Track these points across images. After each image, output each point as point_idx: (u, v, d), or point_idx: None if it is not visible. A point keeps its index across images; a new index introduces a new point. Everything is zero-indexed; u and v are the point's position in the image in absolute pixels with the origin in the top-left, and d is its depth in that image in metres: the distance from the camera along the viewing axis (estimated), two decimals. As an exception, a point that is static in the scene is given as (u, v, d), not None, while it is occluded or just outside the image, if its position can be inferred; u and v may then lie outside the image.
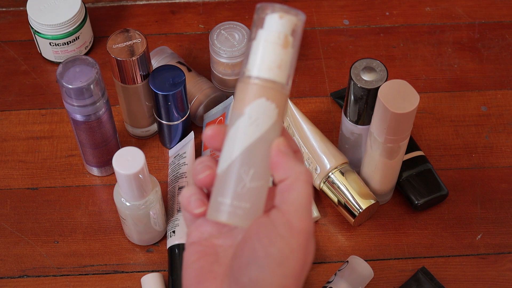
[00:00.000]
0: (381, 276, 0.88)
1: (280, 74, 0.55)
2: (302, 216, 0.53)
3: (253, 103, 0.54)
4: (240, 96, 0.55)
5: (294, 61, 0.56)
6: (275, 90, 0.54)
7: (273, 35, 0.54)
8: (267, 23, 0.55)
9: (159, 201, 0.84)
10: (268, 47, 0.54)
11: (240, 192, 0.54)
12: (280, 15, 0.54)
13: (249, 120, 0.54)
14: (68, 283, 0.87)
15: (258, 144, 0.54)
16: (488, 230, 0.91)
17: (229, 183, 0.54)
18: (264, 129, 0.54)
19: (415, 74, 1.04)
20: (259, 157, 0.54)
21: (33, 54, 1.05)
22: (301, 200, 0.53)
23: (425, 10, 1.10)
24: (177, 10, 1.10)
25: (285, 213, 0.53)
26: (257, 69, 0.54)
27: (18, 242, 0.90)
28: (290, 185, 0.53)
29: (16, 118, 0.99)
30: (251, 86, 0.54)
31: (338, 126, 0.96)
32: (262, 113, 0.54)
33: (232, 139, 0.54)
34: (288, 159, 0.54)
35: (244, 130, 0.54)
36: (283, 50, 0.55)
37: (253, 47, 0.55)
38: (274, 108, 0.54)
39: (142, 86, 0.90)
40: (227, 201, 0.54)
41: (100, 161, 0.92)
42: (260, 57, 0.54)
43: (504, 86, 1.03)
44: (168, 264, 0.86)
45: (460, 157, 0.97)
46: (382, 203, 0.92)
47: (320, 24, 1.08)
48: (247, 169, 0.54)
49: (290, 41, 0.55)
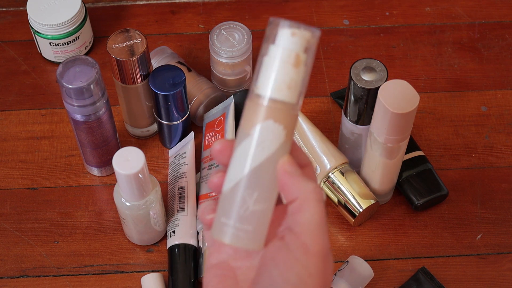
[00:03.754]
0: (381, 276, 0.88)
1: (289, 94, 0.52)
2: (317, 237, 0.51)
3: (260, 125, 0.52)
4: (248, 115, 0.53)
5: (307, 78, 0.53)
6: (283, 111, 0.52)
7: (284, 53, 0.52)
8: (278, 39, 0.52)
9: (159, 201, 0.84)
10: (279, 66, 0.52)
11: (243, 214, 0.53)
12: (292, 32, 0.52)
13: (255, 142, 0.52)
14: (68, 283, 0.87)
15: (263, 167, 0.53)
16: (488, 230, 0.91)
17: (232, 204, 0.53)
18: (271, 152, 0.52)
19: (415, 74, 1.04)
20: (264, 180, 0.53)
21: (33, 54, 1.05)
22: (313, 220, 0.52)
23: (425, 10, 1.10)
24: (177, 10, 1.10)
25: (299, 236, 0.52)
26: (266, 88, 0.52)
27: (18, 242, 0.90)
28: (300, 206, 0.52)
29: (16, 118, 0.99)
30: (259, 107, 0.52)
31: (338, 126, 0.96)
32: (269, 135, 0.52)
33: (238, 159, 0.53)
34: (295, 179, 0.52)
35: (250, 151, 0.52)
36: (294, 69, 0.52)
37: (264, 64, 0.53)
38: (281, 130, 0.52)
39: (142, 86, 0.90)
40: (230, 223, 0.53)
41: (100, 161, 0.92)
42: (269, 76, 0.52)
43: (504, 86, 1.03)
44: (168, 264, 0.86)
45: (460, 157, 0.97)
46: (382, 203, 0.92)
47: (320, 24, 1.08)
48: (251, 192, 0.53)
49: (302, 59, 0.52)
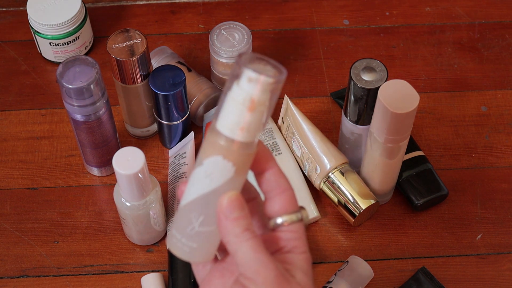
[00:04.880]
0: (381, 276, 0.88)
1: (243, 135, 0.53)
2: (257, 268, 0.54)
3: (210, 158, 0.54)
4: (205, 144, 0.55)
5: (266, 117, 0.54)
6: (234, 150, 0.54)
7: (241, 95, 0.52)
8: (240, 79, 0.52)
9: (159, 201, 0.84)
10: (235, 108, 0.53)
11: (189, 233, 0.56)
12: (249, 78, 0.52)
13: (204, 173, 0.54)
14: (68, 283, 0.87)
15: (209, 196, 0.55)
16: (488, 230, 0.91)
17: (182, 221, 0.56)
18: (217, 185, 0.54)
19: (415, 74, 1.04)
20: (210, 207, 0.55)
21: (33, 54, 1.05)
22: (247, 257, 0.54)
23: (425, 10, 1.10)
24: (177, 10, 1.10)
25: (244, 274, 0.55)
26: (222, 125, 0.54)
27: (18, 242, 0.90)
28: (233, 249, 0.55)
29: (16, 118, 0.99)
30: (213, 141, 0.54)
31: (338, 126, 0.96)
32: (217, 170, 0.54)
33: (191, 183, 0.56)
34: (227, 222, 0.55)
35: (198, 180, 0.55)
36: (249, 113, 0.53)
37: (225, 101, 0.53)
38: (231, 167, 0.54)
39: (142, 86, 0.90)
40: (178, 237, 0.57)
41: (100, 161, 0.92)
42: (226, 115, 0.53)
43: (504, 86, 1.03)
44: (168, 264, 0.86)
45: (460, 157, 0.97)
46: (382, 203, 0.92)
47: (320, 24, 1.08)
48: (197, 215, 0.56)
49: (258, 103, 0.52)
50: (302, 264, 0.56)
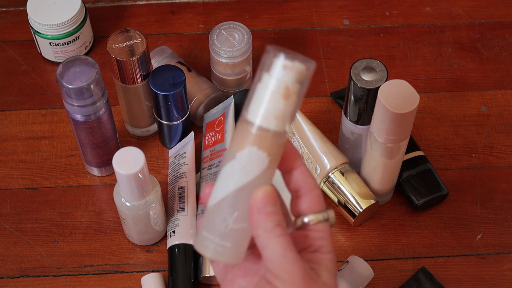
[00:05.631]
0: (381, 276, 0.88)
1: (277, 124, 0.54)
2: (285, 266, 0.54)
3: (245, 150, 0.54)
4: (236, 138, 0.55)
5: (298, 107, 0.55)
6: (268, 139, 0.54)
7: (275, 84, 0.53)
8: (272, 69, 0.53)
9: (159, 201, 0.84)
10: (269, 96, 0.53)
11: (223, 231, 0.55)
12: (284, 66, 0.53)
13: (239, 166, 0.54)
14: (68, 283, 0.87)
15: (244, 190, 0.54)
16: (488, 230, 0.91)
17: (214, 220, 0.55)
18: (253, 177, 0.54)
19: (415, 74, 1.04)
20: (244, 201, 0.55)
21: (33, 54, 1.05)
22: (276, 254, 0.54)
23: (425, 10, 1.10)
24: (177, 10, 1.10)
25: (271, 271, 0.55)
26: (255, 115, 0.54)
27: (18, 242, 0.90)
28: (262, 244, 0.55)
29: (16, 118, 0.99)
30: (246, 132, 0.54)
31: (338, 126, 0.96)
32: (252, 161, 0.54)
33: (223, 179, 0.55)
34: (259, 217, 0.55)
35: (233, 174, 0.54)
36: (283, 101, 0.53)
37: (256, 91, 0.54)
38: (265, 157, 0.54)
39: (142, 86, 0.90)
40: (210, 237, 0.55)
41: (100, 161, 0.92)
42: (259, 105, 0.54)
43: (504, 86, 1.03)
44: (168, 264, 0.86)
45: (460, 157, 0.97)
46: (382, 203, 0.92)
47: (320, 24, 1.08)
48: (232, 211, 0.55)
49: (292, 91, 0.53)
50: (328, 263, 0.57)
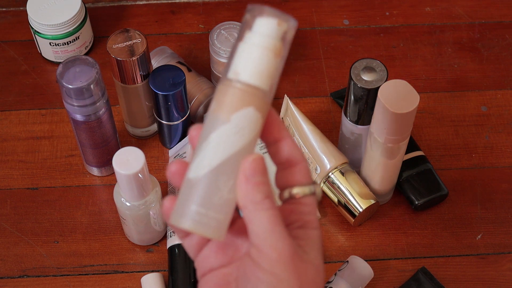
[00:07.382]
0: (381, 276, 0.88)
1: (268, 82, 0.51)
2: (273, 242, 0.50)
3: (241, 112, 0.50)
4: (225, 100, 0.51)
5: (281, 70, 0.52)
6: (262, 99, 0.51)
7: (266, 41, 0.51)
8: (258, 27, 0.51)
9: (159, 201, 0.84)
10: (260, 53, 0.50)
11: (217, 202, 0.50)
12: (278, 22, 0.50)
13: (234, 129, 0.50)
14: (68, 283, 0.87)
15: (239, 155, 0.50)
16: (488, 230, 0.91)
17: (205, 191, 0.50)
18: (249, 140, 0.50)
19: (415, 74, 1.04)
20: (238, 168, 0.51)
21: (33, 54, 1.05)
22: (263, 228, 0.50)
23: (425, 10, 1.10)
24: (177, 10, 1.10)
25: (257, 246, 0.50)
26: (247, 74, 0.50)
27: (18, 242, 0.90)
28: (249, 217, 0.50)
29: (16, 118, 0.99)
30: (240, 92, 0.50)
31: (338, 126, 0.96)
32: (248, 123, 0.50)
33: (212, 146, 0.50)
34: (248, 186, 0.50)
35: (227, 138, 0.50)
36: (274, 59, 0.51)
37: (243, 50, 0.51)
38: (259, 119, 0.51)
39: (142, 86, 0.90)
40: (202, 211, 0.50)
41: (100, 161, 0.92)
42: (250, 62, 0.50)
43: (504, 86, 1.03)
44: (168, 264, 0.86)
45: (460, 157, 0.97)
46: (382, 203, 0.92)
47: (320, 24, 1.08)
48: (227, 179, 0.50)
49: (281, 49, 0.51)
50: (316, 240, 0.53)
